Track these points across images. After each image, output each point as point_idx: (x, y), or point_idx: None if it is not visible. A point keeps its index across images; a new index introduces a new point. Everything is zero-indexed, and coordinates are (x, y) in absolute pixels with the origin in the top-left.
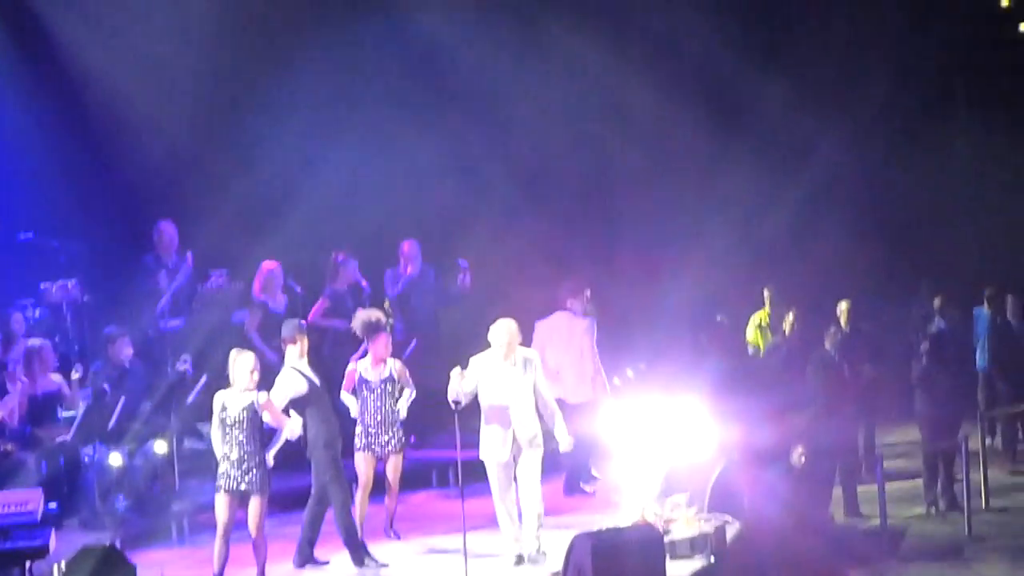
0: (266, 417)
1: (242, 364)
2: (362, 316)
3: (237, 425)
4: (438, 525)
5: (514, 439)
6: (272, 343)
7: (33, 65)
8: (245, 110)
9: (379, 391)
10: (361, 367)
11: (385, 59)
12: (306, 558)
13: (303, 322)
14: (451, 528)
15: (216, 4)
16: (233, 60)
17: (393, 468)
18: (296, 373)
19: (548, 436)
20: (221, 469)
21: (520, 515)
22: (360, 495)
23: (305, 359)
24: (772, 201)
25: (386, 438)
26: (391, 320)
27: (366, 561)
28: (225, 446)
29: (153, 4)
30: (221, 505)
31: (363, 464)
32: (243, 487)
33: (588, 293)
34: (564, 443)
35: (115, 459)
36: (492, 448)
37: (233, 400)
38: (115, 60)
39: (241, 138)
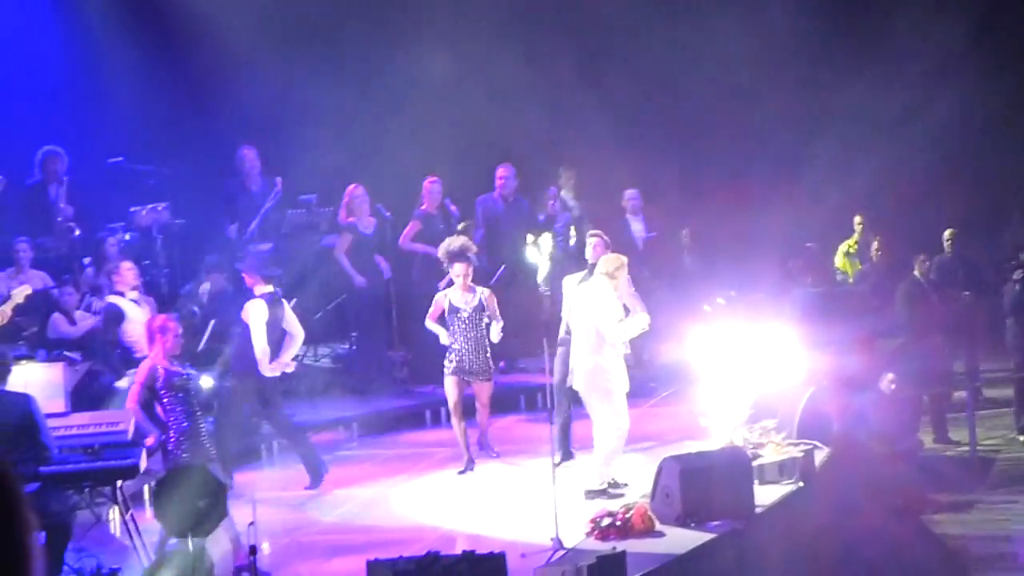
0: None
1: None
2: (446, 243)
3: None
4: (527, 447)
5: None
6: (359, 266)
7: None
8: (334, 35)
9: (469, 318)
10: (451, 295)
11: None
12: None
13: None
14: (540, 451)
15: None
16: None
17: (483, 392)
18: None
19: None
20: None
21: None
22: (454, 419)
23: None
24: (862, 128)
25: (477, 365)
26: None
27: None
28: None
29: None
30: None
31: (453, 388)
32: None
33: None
34: None
35: (206, 382)
36: (624, 377)
37: None
38: None
39: (330, 63)
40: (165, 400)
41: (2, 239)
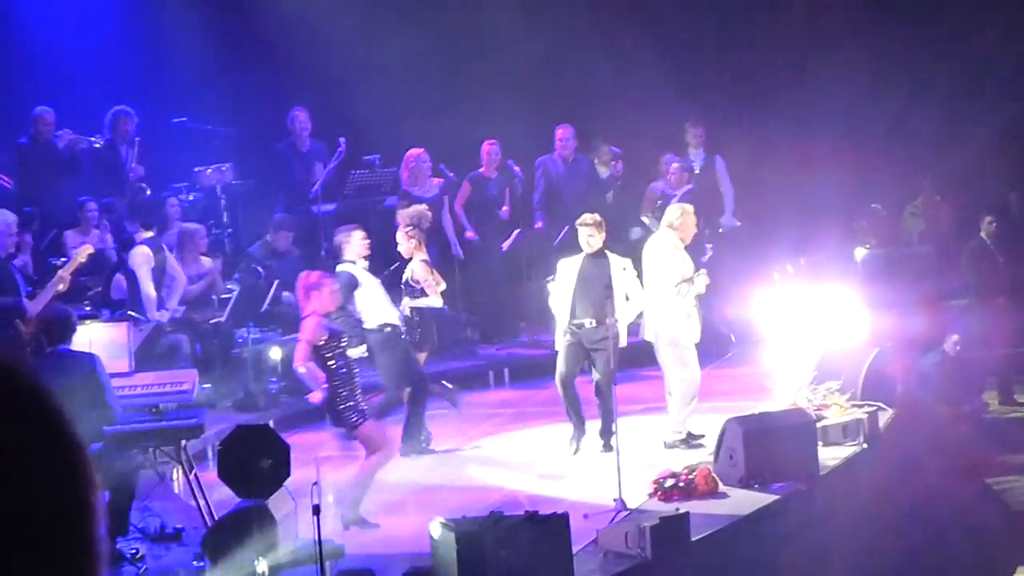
0: None
1: None
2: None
3: None
4: (591, 409)
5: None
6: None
7: None
8: None
9: (407, 290)
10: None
11: None
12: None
13: None
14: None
15: None
16: None
17: None
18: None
19: None
20: None
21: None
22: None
23: None
24: (927, 89)
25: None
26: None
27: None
28: None
29: None
30: None
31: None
32: None
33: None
34: None
35: (275, 353)
36: (695, 328)
37: None
38: None
39: (392, 21)
40: (327, 356)
41: (71, 198)
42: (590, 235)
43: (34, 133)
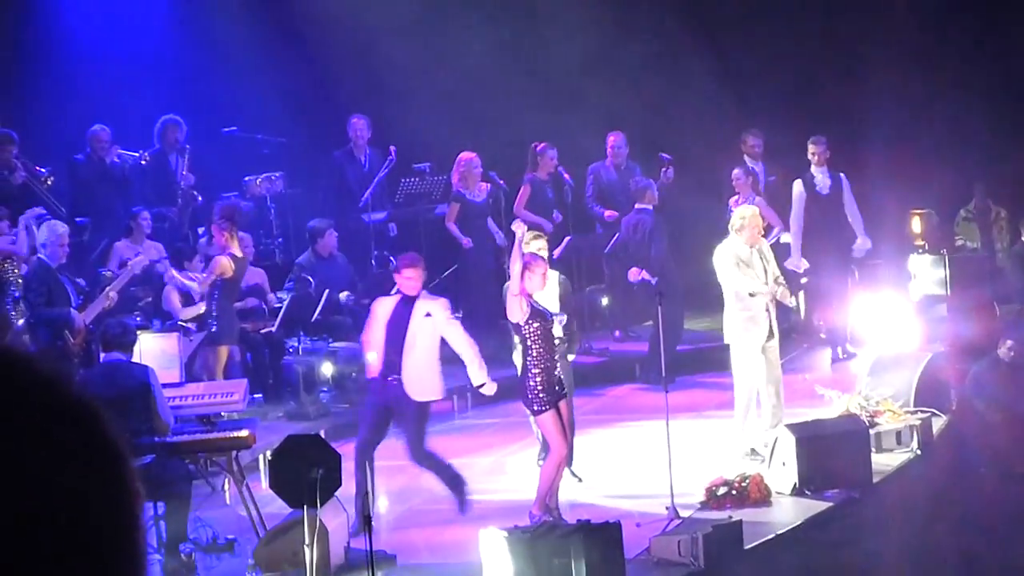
0: None
1: None
2: None
3: None
4: (642, 416)
5: (769, 324)
6: (469, 234)
7: None
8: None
9: None
10: None
11: None
12: None
13: None
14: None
15: None
16: None
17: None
18: None
19: None
20: None
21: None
22: None
23: None
24: (980, 95)
25: None
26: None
27: None
28: None
29: None
30: None
31: None
32: None
33: None
34: None
35: (327, 368)
36: (758, 332)
37: None
38: None
39: (441, 30)
40: (527, 335)
41: (122, 211)
42: (408, 276)
43: (90, 151)
